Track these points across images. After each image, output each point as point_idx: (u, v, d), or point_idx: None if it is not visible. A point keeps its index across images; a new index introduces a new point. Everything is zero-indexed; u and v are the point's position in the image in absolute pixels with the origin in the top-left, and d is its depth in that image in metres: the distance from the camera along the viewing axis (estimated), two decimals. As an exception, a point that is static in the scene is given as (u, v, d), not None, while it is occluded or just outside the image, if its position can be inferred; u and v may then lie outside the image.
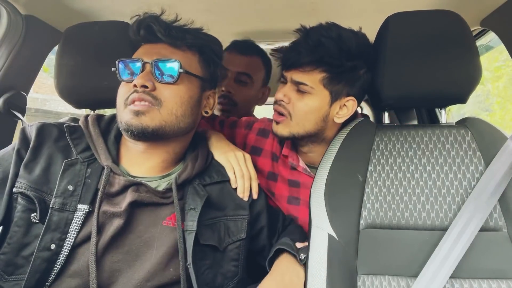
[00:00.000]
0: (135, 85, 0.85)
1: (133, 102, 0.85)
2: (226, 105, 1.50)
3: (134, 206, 0.85)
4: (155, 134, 0.86)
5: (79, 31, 1.10)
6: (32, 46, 1.28)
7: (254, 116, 1.60)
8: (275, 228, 1.05)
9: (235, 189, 0.98)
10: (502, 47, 1.26)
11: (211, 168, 0.99)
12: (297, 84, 1.03)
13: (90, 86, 1.06)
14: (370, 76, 1.03)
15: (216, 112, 1.54)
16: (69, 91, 1.09)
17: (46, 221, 0.78)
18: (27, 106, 1.33)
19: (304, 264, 0.87)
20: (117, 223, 0.82)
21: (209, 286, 0.86)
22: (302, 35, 1.03)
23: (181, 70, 0.87)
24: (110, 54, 0.95)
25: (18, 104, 1.28)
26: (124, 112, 0.86)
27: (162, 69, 0.87)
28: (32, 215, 0.79)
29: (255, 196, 0.99)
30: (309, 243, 0.88)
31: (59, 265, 0.78)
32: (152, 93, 0.85)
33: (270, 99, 1.45)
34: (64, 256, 0.78)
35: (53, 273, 0.77)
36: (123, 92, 0.88)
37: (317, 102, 1.02)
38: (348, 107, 1.05)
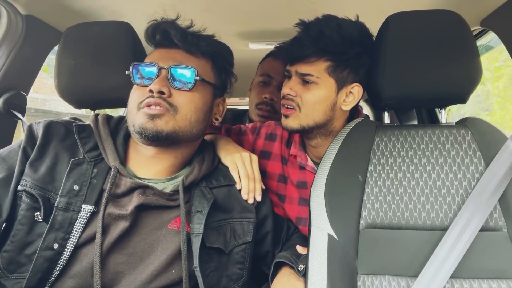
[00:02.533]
0: (151, 90, 0.84)
1: (148, 105, 0.84)
2: (267, 112, 1.49)
3: (141, 209, 0.85)
4: (169, 138, 0.85)
5: (79, 31, 1.10)
6: (32, 46, 1.28)
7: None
8: (279, 237, 1.05)
9: (240, 191, 0.97)
10: (502, 47, 1.26)
11: (218, 171, 0.99)
12: (302, 76, 1.04)
13: (90, 86, 1.06)
14: (370, 61, 1.04)
15: (255, 118, 1.54)
16: (69, 91, 1.09)
17: (50, 220, 0.78)
18: (27, 106, 1.33)
19: (304, 275, 0.87)
20: (122, 225, 0.82)
21: None
22: (303, 28, 1.04)
23: (197, 78, 0.87)
24: (110, 54, 0.96)
25: (18, 104, 1.28)
26: (138, 115, 0.85)
27: (178, 75, 0.87)
28: (36, 213, 0.79)
29: (258, 198, 0.98)
30: (309, 243, 0.88)
31: (61, 265, 0.78)
32: (168, 100, 0.85)
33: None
34: (67, 256, 0.78)
35: (55, 273, 0.77)
36: (136, 96, 0.88)
37: (324, 92, 1.03)
38: (354, 93, 1.06)
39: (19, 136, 1.32)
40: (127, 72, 0.90)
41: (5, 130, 1.34)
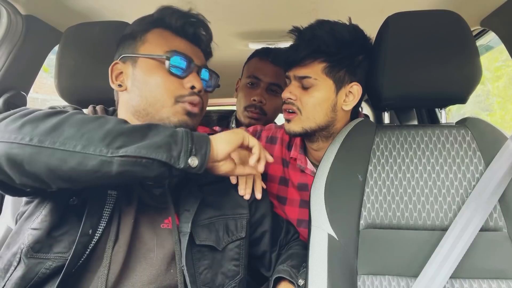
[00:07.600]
0: (193, 87, 0.87)
1: (191, 103, 0.87)
2: (256, 114, 1.49)
3: (139, 206, 0.85)
4: None
5: (79, 31, 1.10)
6: (32, 46, 1.28)
7: (275, 123, 1.59)
8: (277, 237, 1.05)
9: (235, 187, 0.97)
10: (502, 47, 1.26)
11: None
12: (300, 79, 1.05)
13: (90, 86, 1.06)
14: (368, 62, 1.05)
15: (244, 120, 1.52)
16: (69, 91, 1.09)
17: (88, 206, 0.78)
18: (27, 106, 1.33)
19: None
20: (129, 221, 0.82)
21: (208, 286, 0.86)
22: (297, 34, 1.07)
23: (219, 83, 0.95)
24: (110, 54, 0.95)
25: (18, 104, 1.28)
26: (175, 109, 0.86)
27: (207, 77, 0.94)
28: (72, 198, 0.79)
29: (258, 196, 0.98)
30: (309, 243, 0.88)
31: (89, 250, 0.77)
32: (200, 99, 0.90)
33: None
34: (95, 241, 0.77)
35: (83, 258, 0.76)
36: (173, 87, 0.87)
37: (323, 93, 1.04)
38: (353, 93, 1.06)
39: (19, 136, 1.32)
40: (164, 57, 0.87)
41: (5, 130, 1.34)
